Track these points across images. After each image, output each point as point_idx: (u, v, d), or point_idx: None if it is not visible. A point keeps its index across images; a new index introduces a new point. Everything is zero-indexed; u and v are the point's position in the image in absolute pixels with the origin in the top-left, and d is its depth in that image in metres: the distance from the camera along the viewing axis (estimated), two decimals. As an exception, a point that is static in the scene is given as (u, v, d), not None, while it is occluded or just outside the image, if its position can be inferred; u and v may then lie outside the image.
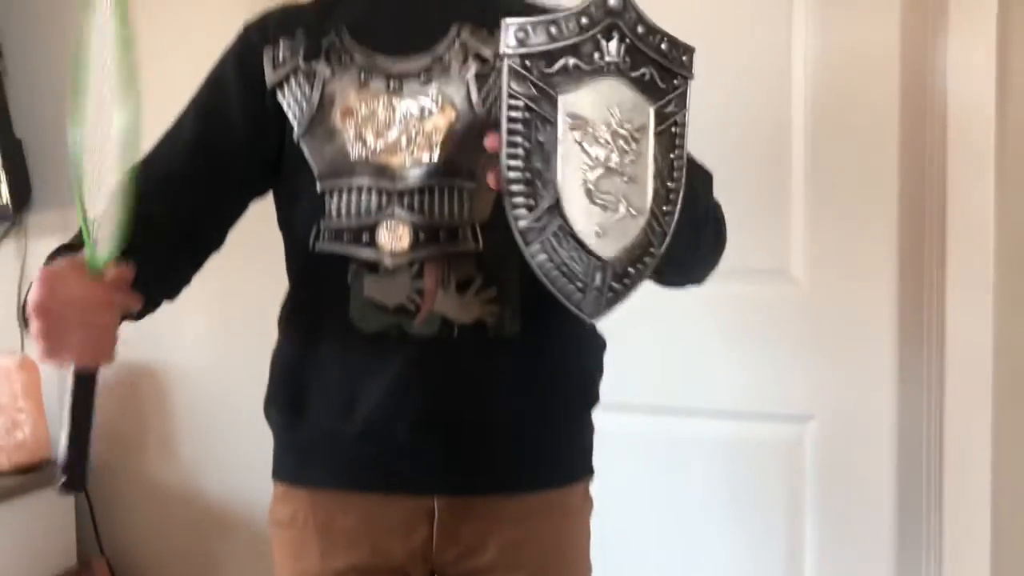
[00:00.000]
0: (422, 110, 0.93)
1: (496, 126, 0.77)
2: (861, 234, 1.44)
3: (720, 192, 1.00)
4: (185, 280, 0.98)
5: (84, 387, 0.81)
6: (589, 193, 0.79)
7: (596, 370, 1.05)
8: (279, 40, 0.96)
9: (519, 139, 0.76)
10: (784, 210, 1.48)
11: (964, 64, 1.37)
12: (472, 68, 0.93)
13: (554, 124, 0.77)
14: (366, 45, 0.95)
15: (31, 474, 1.74)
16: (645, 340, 1.48)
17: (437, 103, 0.92)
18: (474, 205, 0.92)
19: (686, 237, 0.90)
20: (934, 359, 1.42)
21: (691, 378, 1.52)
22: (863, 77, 1.42)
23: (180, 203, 0.95)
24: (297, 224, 0.97)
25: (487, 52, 0.93)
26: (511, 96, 0.75)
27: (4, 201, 1.72)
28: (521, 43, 0.75)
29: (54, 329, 0.77)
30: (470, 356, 0.94)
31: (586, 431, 1.05)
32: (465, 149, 0.91)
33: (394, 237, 0.91)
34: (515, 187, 0.76)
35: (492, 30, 0.90)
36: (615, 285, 0.82)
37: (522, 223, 0.77)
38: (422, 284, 0.92)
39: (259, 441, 1.04)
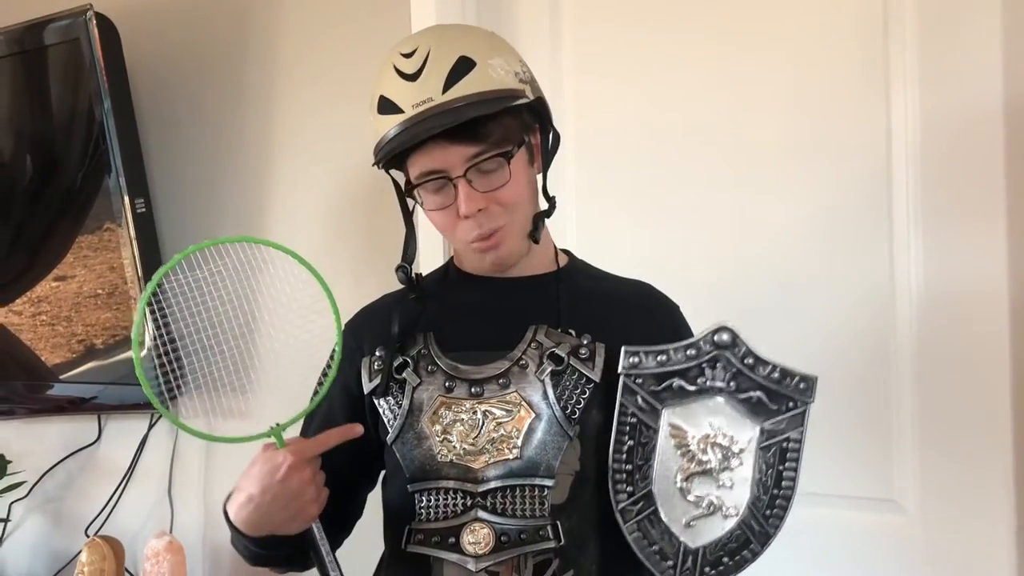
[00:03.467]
0: (502, 413, 1.00)
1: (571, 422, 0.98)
2: (975, 466, 1.33)
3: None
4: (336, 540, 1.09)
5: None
6: (681, 491, 0.96)
7: None
8: (375, 350, 1.07)
9: (624, 438, 0.98)
10: (893, 439, 1.38)
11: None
12: (548, 368, 1.01)
13: (656, 431, 0.97)
14: (451, 352, 1.04)
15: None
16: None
17: (516, 405, 1.00)
18: (553, 496, 0.99)
19: None
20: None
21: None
22: (973, 303, 1.33)
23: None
24: (393, 521, 1.07)
25: (561, 351, 1.02)
26: (622, 406, 0.98)
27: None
28: (634, 366, 0.98)
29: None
30: None
31: None
32: (544, 446, 0.99)
33: (477, 541, 0.97)
34: (617, 475, 0.97)
35: (565, 328, 1.03)
36: (708, 570, 0.96)
37: (620, 504, 0.97)
38: (498, 570, 0.98)
39: None
